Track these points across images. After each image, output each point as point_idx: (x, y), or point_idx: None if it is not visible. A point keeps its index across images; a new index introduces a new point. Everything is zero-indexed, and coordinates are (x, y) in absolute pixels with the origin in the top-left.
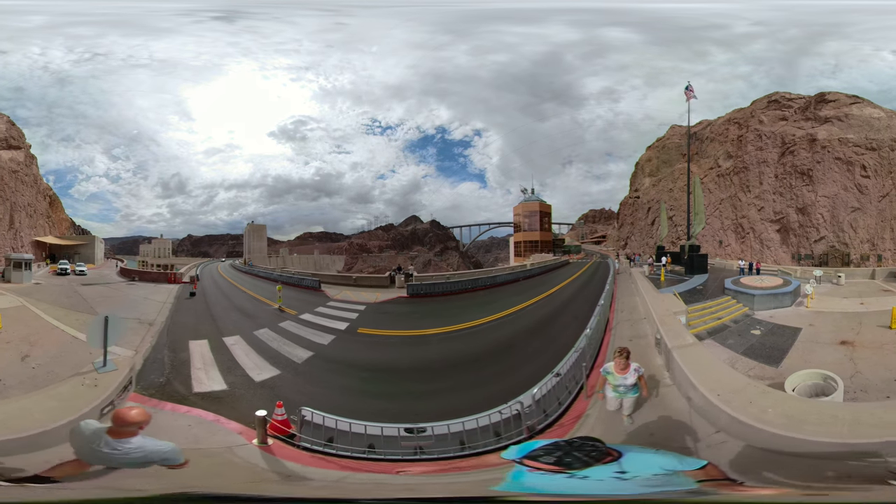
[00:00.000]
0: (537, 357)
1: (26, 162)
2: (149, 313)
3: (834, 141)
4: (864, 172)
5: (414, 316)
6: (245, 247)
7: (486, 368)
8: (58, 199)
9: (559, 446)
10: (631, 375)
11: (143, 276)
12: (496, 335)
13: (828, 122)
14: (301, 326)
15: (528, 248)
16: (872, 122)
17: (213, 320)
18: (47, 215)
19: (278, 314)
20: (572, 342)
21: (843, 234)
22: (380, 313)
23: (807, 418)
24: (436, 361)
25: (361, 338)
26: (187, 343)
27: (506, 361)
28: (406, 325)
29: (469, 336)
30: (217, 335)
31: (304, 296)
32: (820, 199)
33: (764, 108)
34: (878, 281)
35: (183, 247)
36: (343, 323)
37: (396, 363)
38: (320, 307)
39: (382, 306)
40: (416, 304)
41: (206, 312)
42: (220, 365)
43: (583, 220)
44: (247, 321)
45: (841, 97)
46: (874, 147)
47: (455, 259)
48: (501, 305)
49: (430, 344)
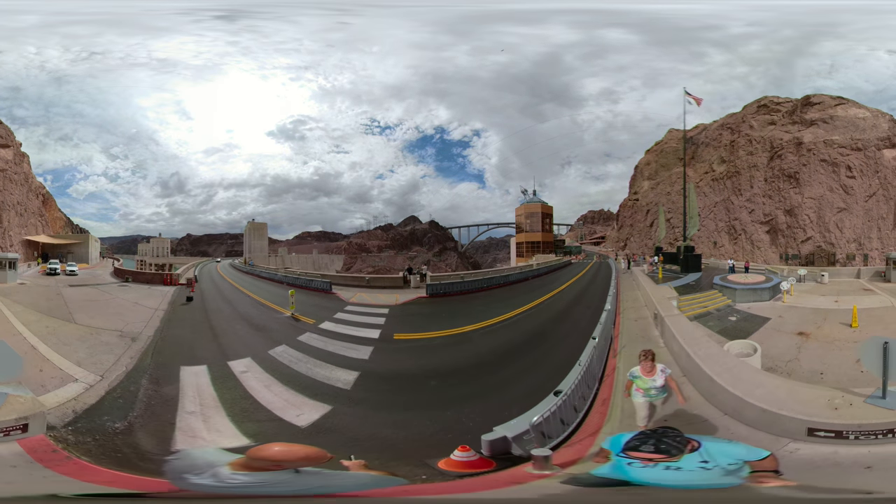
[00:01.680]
0: (567, 339)
1: (16, 160)
2: (135, 323)
3: (819, 143)
4: (849, 173)
5: (443, 315)
6: (245, 246)
7: (533, 352)
8: (51, 198)
9: (649, 436)
10: (659, 377)
11: (137, 276)
12: (527, 326)
13: (813, 124)
14: (326, 339)
15: (530, 249)
16: (857, 122)
17: (214, 335)
18: (40, 214)
19: (293, 324)
20: (590, 327)
21: (829, 234)
22: (407, 315)
23: (730, 369)
24: (490, 354)
25: (401, 345)
26: (178, 370)
27: (544, 344)
28: (441, 325)
29: (504, 329)
30: (220, 357)
31: (316, 299)
32: (806, 201)
33: (754, 112)
34: (863, 280)
35: (182, 246)
36: (373, 330)
37: (456, 363)
38: (339, 313)
39: (406, 308)
40: (440, 304)
41: (204, 323)
42: (228, 405)
43: (581, 220)
44: (257, 336)
45: (826, 99)
46: (860, 147)
47: (454, 260)
48: (521, 301)
49: (474, 340)
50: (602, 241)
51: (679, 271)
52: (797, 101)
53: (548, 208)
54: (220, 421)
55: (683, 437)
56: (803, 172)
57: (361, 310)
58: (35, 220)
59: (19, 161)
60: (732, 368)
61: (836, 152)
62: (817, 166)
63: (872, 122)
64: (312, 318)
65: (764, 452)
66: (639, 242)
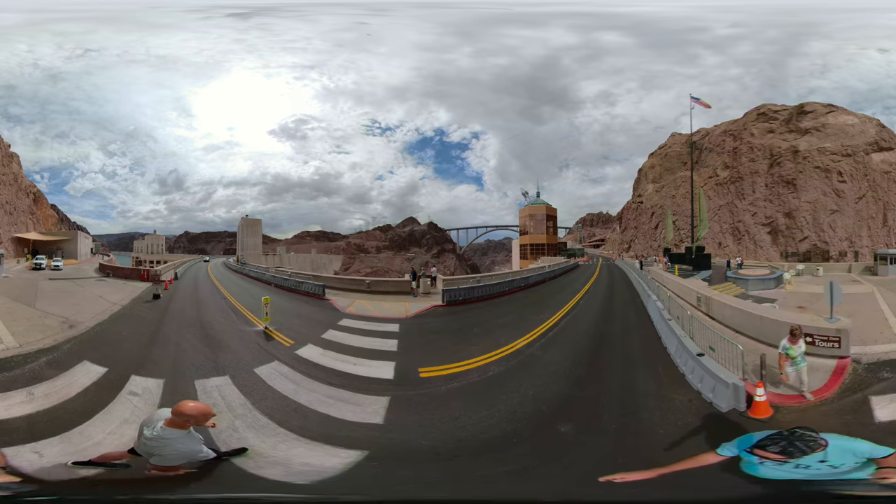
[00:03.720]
0: (631, 334)
1: (4, 161)
2: (84, 314)
3: (813, 151)
4: (840, 178)
5: (473, 330)
6: (238, 243)
7: (616, 356)
8: (43, 196)
9: (781, 436)
10: (802, 343)
11: (117, 272)
12: (581, 328)
13: (808, 133)
14: (302, 377)
15: (534, 251)
16: (847, 129)
17: (150, 340)
18: (31, 212)
19: (259, 343)
20: (637, 321)
21: (824, 233)
22: (425, 334)
23: (770, 312)
24: (574, 384)
25: (432, 387)
26: (79, 362)
27: (617, 345)
28: (480, 345)
29: (561, 339)
30: (131, 366)
31: (304, 307)
32: (803, 205)
33: (754, 120)
34: (853, 274)
35: (180, 243)
36: (383, 364)
37: (534, 408)
38: (330, 330)
39: (422, 323)
40: (462, 315)
41: (151, 325)
42: (50, 417)
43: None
44: (200, 353)
45: (818, 107)
46: (849, 153)
47: (452, 261)
48: (552, 303)
49: (535, 361)
50: (602, 243)
51: (691, 270)
52: (793, 109)
53: (552, 210)
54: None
55: (816, 436)
56: (800, 179)
57: (362, 325)
58: (25, 218)
59: (7, 162)
60: (772, 311)
61: (828, 159)
62: (812, 173)
63: (861, 127)
64: (292, 338)
65: (888, 450)
66: (643, 244)
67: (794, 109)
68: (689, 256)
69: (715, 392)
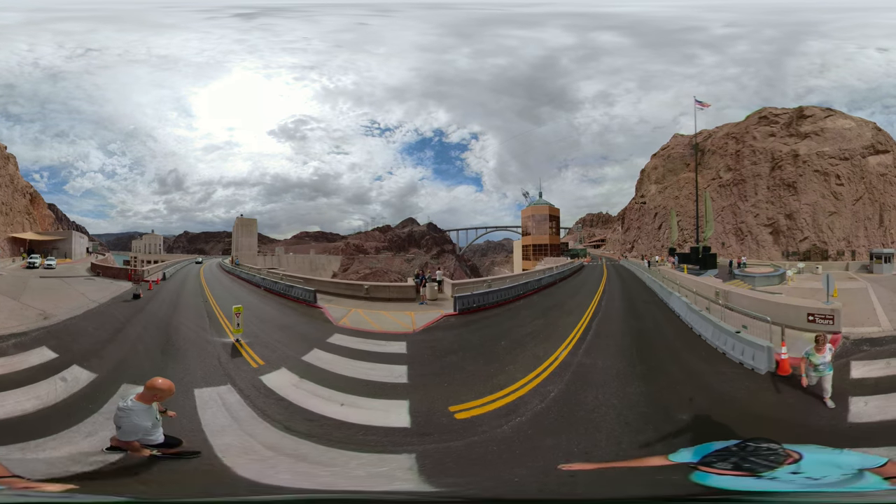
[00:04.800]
0: (664, 328)
1: (1, 163)
2: (62, 308)
3: (812, 155)
4: (838, 181)
5: (500, 344)
6: (234, 243)
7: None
8: (39, 197)
9: (735, 450)
10: (828, 353)
11: (106, 272)
12: (614, 328)
13: (807, 137)
14: (253, 419)
15: (538, 252)
16: (844, 133)
17: (107, 339)
18: (27, 212)
19: (223, 358)
20: (663, 316)
21: (823, 234)
22: (443, 355)
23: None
24: (639, 371)
25: (482, 431)
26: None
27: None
28: (519, 362)
29: (601, 337)
30: (79, 357)
31: (291, 316)
32: (803, 207)
33: (756, 123)
34: (850, 272)
35: (179, 243)
36: (390, 405)
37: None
38: (315, 349)
39: (434, 338)
40: (481, 325)
41: (118, 323)
42: None
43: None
44: (148, 362)
45: (817, 112)
46: (846, 157)
47: (451, 262)
48: (574, 305)
49: (593, 366)
50: (602, 243)
51: (698, 269)
52: (793, 113)
53: (555, 210)
54: None
55: (781, 449)
56: (800, 182)
57: (358, 343)
58: (21, 219)
59: (4, 164)
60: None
61: (826, 163)
62: (811, 176)
63: (857, 131)
64: (264, 357)
65: (882, 459)
66: (647, 244)
67: (794, 113)
68: (696, 256)
69: (754, 358)
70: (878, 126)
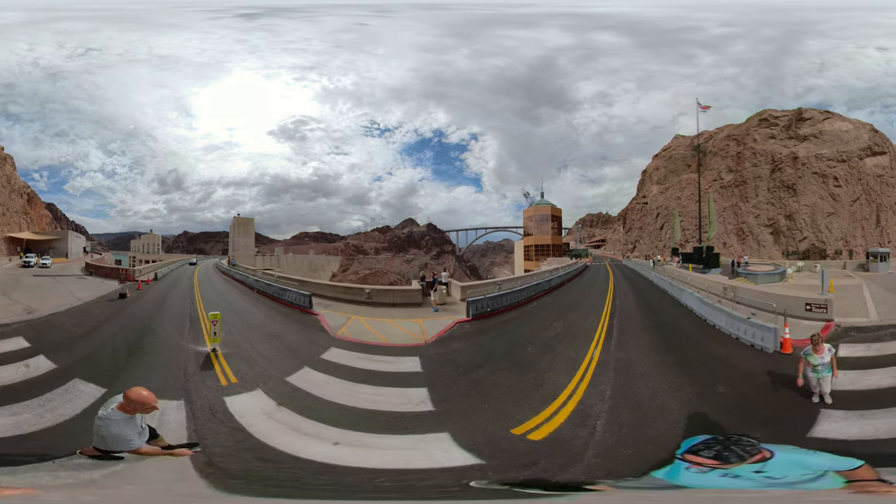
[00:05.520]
0: (681, 321)
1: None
2: (46, 304)
3: (811, 157)
4: (836, 183)
5: (528, 350)
6: (231, 243)
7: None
8: (37, 197)
9: (718, 441)
10: (826, 354)
11: (98, 271)
12: (636, 323)
13: (806, 139)
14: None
15: (540, 253)
16: (842, 135)
17: (75, 337)
18: (24, 212)
19: (191, 369)
20: (676, 311)
21: (821, 234)
22: (468, 369)
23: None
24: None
25: (577, 453)
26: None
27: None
28: (558, 367)
29: (626, 333)
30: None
31: (282, 323)
32: (802, 208)
33: (756, 125)
34: (847, 271)
35: (178, 243)
36: (429, 443)
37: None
38: (307, 367)
39: (451, 350)
40: (499, 331)
41: (94, 320)
42: None
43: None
44: (110, 363)
45: (815, 114)
46: (844, 159)
47: (451, 263)
48: (589, 305)
49: (630, 361)
50: (602, 243)
51: (703, 268)
52: (792, 115)
53: (557, 210)
54: None
55: (756, 446)
56: (799, 184)
57: (359, 360)
58: (19, 219)
59: (1, 164)
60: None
61: (825, 165)
62: (810, 178)
63: (855, 133)
64: (239, 373)
65: (856, 462)
66: (649, 244)
67: (794, 116)
68: (700, 255)
69: (763, 339)
70: (875, 128)
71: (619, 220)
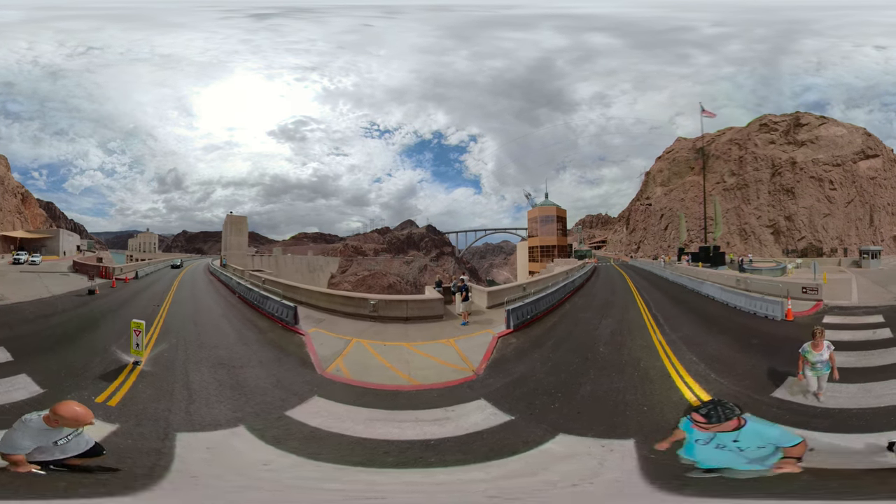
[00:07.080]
0: (707, 307)
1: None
2: (17, 295)
3: (808, 162)
4: (831, 186)
5: (600, 352)
6: (223, 242)
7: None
8: (31, 196)
9: (711, 403)
10: (825, 351)
11: (81, 268)
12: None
13: (803, 145)
14: None
15: (545, 254)
16: (837, 140)
17: (25, 321)
18: (18, 211)
19: (64, 385)
20: (699, 301)
21: (818, 234)
22: (565, 397)
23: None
24: (722, 341)
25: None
26: None
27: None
28: (648, 360)
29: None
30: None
31: (249, 346)
32: (800, 210)
33: (757, 130)
34: (842, 267)
35: (177, 242)
36: None
37: None
38: (243, 426)
39: (518, 376)
40: (551, 338)
41: (44, 312)
42: None
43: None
44: (24, 363)
45: (812, 119)
46: (839, 163)
47: (451, 264)
48: (621, 302)
49: (700, 343)
50: (603, 244)
51: (710, 265)
52: (790, 121)
53: (562, 211)
54: None
55: (733, 410)
56: (798, 187)
57: (369, 427)
58: (13, 218)
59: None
60: (786, 279)
61: (821, 169)
62: (808, 182)
63: (849, 138)
64: (128, 402)
65: (797, 438)
66: (653, 245)
67: (792, 121)
68: (707, 254)
69: (773, 310)
70: (868, 131)
71: (620, 220)
